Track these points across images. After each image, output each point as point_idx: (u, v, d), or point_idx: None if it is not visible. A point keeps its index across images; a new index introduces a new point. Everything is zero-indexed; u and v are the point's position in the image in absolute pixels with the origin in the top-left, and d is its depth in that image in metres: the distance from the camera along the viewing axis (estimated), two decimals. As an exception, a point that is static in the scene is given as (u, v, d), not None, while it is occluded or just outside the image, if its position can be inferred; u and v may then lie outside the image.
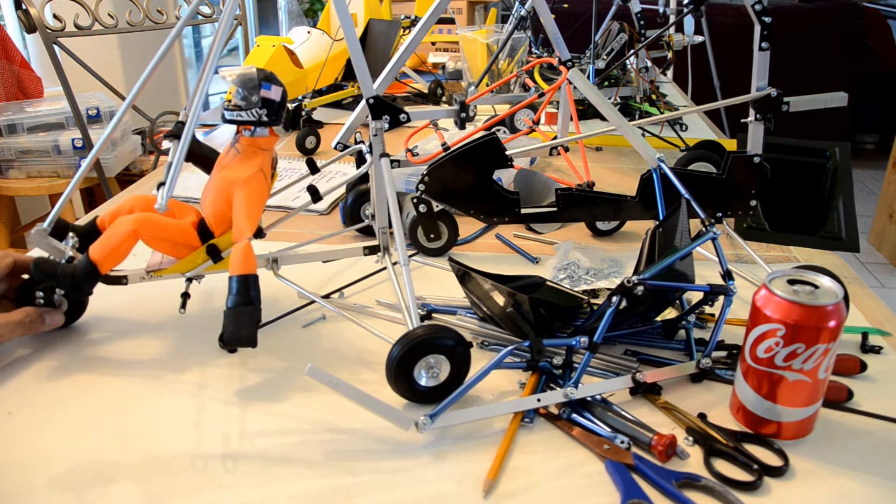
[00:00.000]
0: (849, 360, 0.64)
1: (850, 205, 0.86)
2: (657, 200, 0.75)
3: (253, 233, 0.62)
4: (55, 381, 0.63)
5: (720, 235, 0.62)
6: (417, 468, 0.53)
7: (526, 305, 0.64)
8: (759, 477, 0.51)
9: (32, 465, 0.53)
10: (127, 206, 0.69)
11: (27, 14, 1.66)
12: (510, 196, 0.83)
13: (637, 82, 1.52)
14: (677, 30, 1.59)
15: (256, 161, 0.65)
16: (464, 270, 0.69)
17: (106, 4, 1.83)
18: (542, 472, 0.52)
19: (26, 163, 1.85)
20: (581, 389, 0.58)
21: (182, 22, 0.69)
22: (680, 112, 0.92)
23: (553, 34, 0.94)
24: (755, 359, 0.54)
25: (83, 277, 0.64)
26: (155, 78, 0.67)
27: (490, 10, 2.20)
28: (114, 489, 0.51)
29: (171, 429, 0.57)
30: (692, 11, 1.08)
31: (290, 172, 1.20)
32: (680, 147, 1.23)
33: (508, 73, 1.58)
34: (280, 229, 0.78)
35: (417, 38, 0.79)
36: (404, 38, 1.67)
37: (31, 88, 2.19)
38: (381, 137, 0.72)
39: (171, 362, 0.66)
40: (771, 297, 0.53)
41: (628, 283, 0.57)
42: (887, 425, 0.58)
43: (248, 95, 0.63)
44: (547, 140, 1.04)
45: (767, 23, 0.75)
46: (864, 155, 3.99)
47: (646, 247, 0.71)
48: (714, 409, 0.59)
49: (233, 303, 0.58)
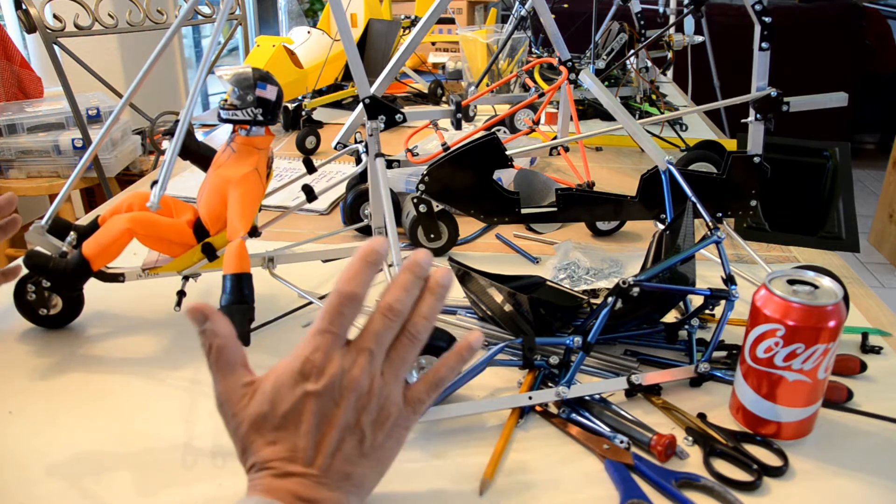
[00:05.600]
0: (849, 360, 0.64)
1: (850, 205, 0.86)
2: (665, 202, 0.75)
3: (247, 231, 0.62)
4: (53, 379, 0.63)
5: (724, 239, 0.62)
6: (414, 467, 0.53)
7: (526, 305, 0.63)
8: (758, 477, 0.51)
9: (31, 457, 0.53)
10: (126, 203, 0.69)
11: (27, 14, 1.66)
12: (510, 196, 0.83)
13: (637, 82, 1.52)
14: (677, 30, 1.59)
15: (252, 160, 0.65)
16: (464, 270, 0.69)
17: (106, 4, 1.83)
18: (540, 472, 0.52)
19: (26, 163, 1.85)
20: (574, 389, 0.58)
21: (178, 22, 0.68)
22: (680, 112, 0.92)
23: (553, 34, 0.93)
24: (755, 359, 0.54)
25: (74, 273, 0.64)
26: (155, 78, 0.67)
27: (490, 10, 2.19)
28: (109, 480, 0.51)
29: (164, 424, 0.57)
30: (692, 11, 1.08)
31: (290, 172, 1.20)
32: (680, 147, 1.23)
33: (508, 73, 1.58)
34: (280, 229, 0.78)
35: (417, 38, 0.79)
36: (404, 38, 1.67)
37: (31, 88, 2.19)
38: (376, 137, 0.72)
39: (166, 359, 0.66)
40: (771, 297, 0.52)
41: (624, 283, 0.57)
42: (887, 425, 0.57)
43: (243, 95, 0.63)
44: (547, 140, 1.04)
45: (767, 23, 0.74)
46: (864, 155, 3.98)
47: (652, 249, 0.71)
48: (714, 409, 0.59)
49: (226, 301, 0.58)
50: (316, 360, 0.42)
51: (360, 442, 0.43)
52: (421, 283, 0.45)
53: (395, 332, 0.44)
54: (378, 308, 0.44)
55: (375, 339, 0.43)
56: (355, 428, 0.42)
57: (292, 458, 0.41)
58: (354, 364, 0.42)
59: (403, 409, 0.45)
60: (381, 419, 0.43)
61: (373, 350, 0.43)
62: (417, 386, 0.46)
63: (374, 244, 0.44)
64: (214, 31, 0.67)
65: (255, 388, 0.43)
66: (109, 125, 0.69)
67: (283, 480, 0.40)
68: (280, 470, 0.41)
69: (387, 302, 0.44)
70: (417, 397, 0.45)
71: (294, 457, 0.41)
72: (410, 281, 0.44)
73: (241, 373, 0.44)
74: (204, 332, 0.44)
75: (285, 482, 0.40)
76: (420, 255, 0.45)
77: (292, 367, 0.43)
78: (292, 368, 0.42)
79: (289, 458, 0.41)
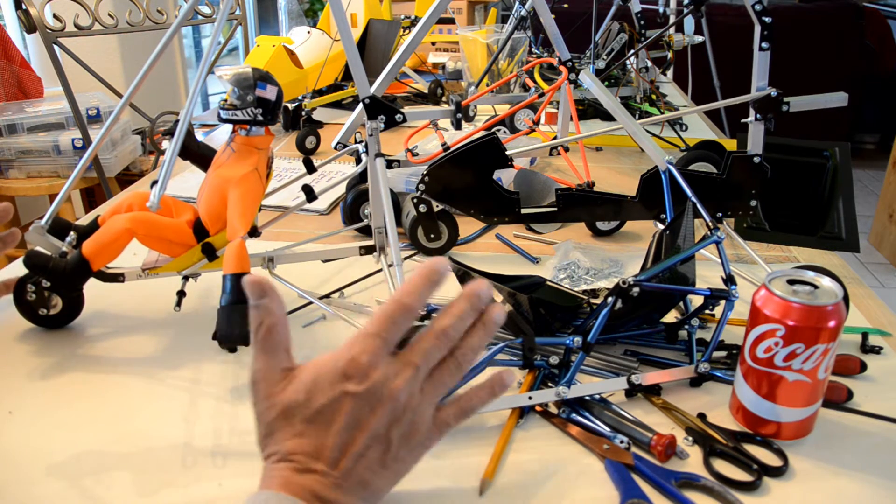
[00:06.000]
0: (849, 360, 0.64)
1: (850, 205, 0.86)
2: (665, 202, 0.75)
3: (247, 231, 0.62)
4: (53, 379, 0.63)
5: (724, 239, 0.62)
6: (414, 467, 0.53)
7: (526, 305, 0.63)
8: (758, 477, 0.51)
9: (31, 457, 0.53)
10: (126, 202, 0.69)
11: (27, 14, 1.66)
12: (510, 196, 0.83)
13: (637, 82, 1.52)
14: (677, 30, 1.59)
15: (252, 160, 0.65)
16: (464, 270, 0.69)
17: (106, 4, 1.83)
18: (540, 471, 0.52)
19: (26, 163, 1.85)
20: (574, 389, 0.58)
21: (178, 22, 0.68)
22: (680, 112, 0.92)
23: (553, 34, 0.93)
24: (755, 359, 0.54)
25: (73, 272, 0.64)
26: (155, 78, 0.67)
27: (490, 10, 2.19)
28: (109, 480, 0.51)
29: (164, 424, 0.57)
30: (692, 11, 1.07)
31: (290, 172, 1.20)
32: (680, 147, 1.23)
33: (508, 73, 1.58)
34: (281, 229, 0.78)
35: (417, 38, 0.79)
36: (404, 38, 1.67)
37: (31, 88, 2.19)
38: (376, 137, 0.72)
39: (166, 359, 0.66)
40: (770, 297, 0.52)
41: (623, 283, 0.57)
42: (887, 425, 0.57)
43: (243, 95, 0.63)
44: (547, 140, 1.04)
45: (767, 23, 0.74)
46: (864, 155, 3.98)
47: (652, 249, 0.71)
48: (714, 409, 0.59)
49: (226, 301, 0.58)
50: (362, 361, 0.42)
51: (385, 452, 0.42)
52: (476, 314, 0.45)
53: (442, 354, 0.45)
54: (432, 329, 0.44)
55: (423, 356, 0.43)
56: (384, 438, 0.42)
57: (317, 456, 0.41)
58: (398, 375, 0.43)
59: (431, 429, 0.45)
60: (409, 434, 0.43)
61: (419, 366, 0.43)
62: (448, 410, 0.46)
63: (438, 265, 0.44)
64: (214, 31, 0.67)
65: (295, 375, 0.43)
66: (109, 125, 0.69)
67: (303, 476, 0.40)
68: (302, 465, 0.41)
69: (442, 326, 0.44)
70: (445, 420, 0.46)
71: (319, 454, 0.41)
72: (467, 311, 0.45)
73: (283, 357, 0.44)
74: (258, 308, 0.43)
75: (305, 478, 0.40)
76: (482, 286, 0.45)
77: (336, 363, 0.42)
78: (336, 365, 0.42)
79: (313, 455, 0.41)
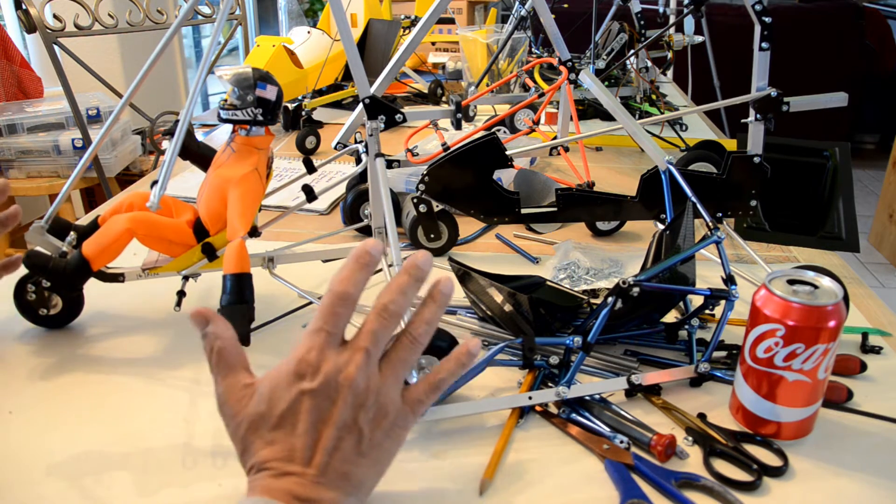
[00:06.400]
0: (849, 360, 0.64)
1: (850, 205, 0.86)
2: (665, 202, 0.75)
3: (247, 231, 0.62)
4: (53, 379, 0.63)
5: (724, 239, 0.62)
6: (414, 467, 0.53)
7: (526, 305, 0.63)
8: (758, 477, 0.51)
9: (31, 457, 0.53)
10: (126, 203, 0.69)
11: (27, 14, 1.66)
12: (510, 196, 0.83)
13: (637, 82, 1.52)
14: (677, 30, 1.59)
15: (252, 160, 0.65)
16: (464, 270, 0.69)
17: (106, 4, 1.83)
18: (540, 472, 0.52)
19: (26, 163, 1.85)
20: (574, 389, 0.58)
21: (178, 22, 0.68)
22: (680, 112, 0.92)
23: (553, 34, 0.93)
24: (755, 359, 0.54)
25: (74, 272, 0.64)
26: (155, 78, 0.67)
27: (490, 10, 2.19)
28: (109, 480, 0.51)
29: (164, 424, 0.57)
30: (692, 11, 1.07)
31: (290, 172, 1.20)
32: (680, 147, 1.23)
33: (508, 73, 1.58)
34: (281, 229, 0.78)
35: (417, 38, 0.79)
36: (404, 38, 1.67)
37: (31, 88, 2.19)
38: (376, 137, 0.72)
39: (166, 359, 0.66)
40: (770, 297, 0.52)
41: (624, 283, 0.57)
42: (887, 425, 0.57)
43: (243, 95, 0.63)
44: (547, 140, 1.04)
45: (767, 23, 0.74)
46: (864, 155, 3.98)
47: (652, 249, 0.71)
48: (714, 409, 0.59)
49: (226, 301, 0.58)
50: (311, 358, 0.42)
51: (358, 441, 0.42)
52: (419, 285, 0.45)
53: (392, 332, 0.44)
54: (374, 308, 0.44)
55: (371, 338, 0.43)
56: (353, 427, 0.42)
57: (290, 458, 0.41)
58: (350, 362, 0.42)
59: (402, 409, 0.45)
60: (378, 418, 0.43)
61: (369, 349, 0.43)
62: (417, 387, 0.46)
63: (367, 246, 0.44)
64: (214, 31, 0.67)
65: (255, 389, 0.43)
66: (109, 125, 0.69)
67: (280, 480, 0.40)
68: (278, 470, 0.41)
69: (382, 302, 0.44)
70: (416, 398, 0.45)
71: (292, 456, 0.41)
72: (407, 283, 0.44)
73: (242, 374, 0.44)
74: (206, 336, 0.44)
75: (283, 482, 0.40)
76: (419, 257, 0.45)
77: (288, 366, 0.43)
78: (288, 368, 0.43)
79: (286, 458, 0.41)
